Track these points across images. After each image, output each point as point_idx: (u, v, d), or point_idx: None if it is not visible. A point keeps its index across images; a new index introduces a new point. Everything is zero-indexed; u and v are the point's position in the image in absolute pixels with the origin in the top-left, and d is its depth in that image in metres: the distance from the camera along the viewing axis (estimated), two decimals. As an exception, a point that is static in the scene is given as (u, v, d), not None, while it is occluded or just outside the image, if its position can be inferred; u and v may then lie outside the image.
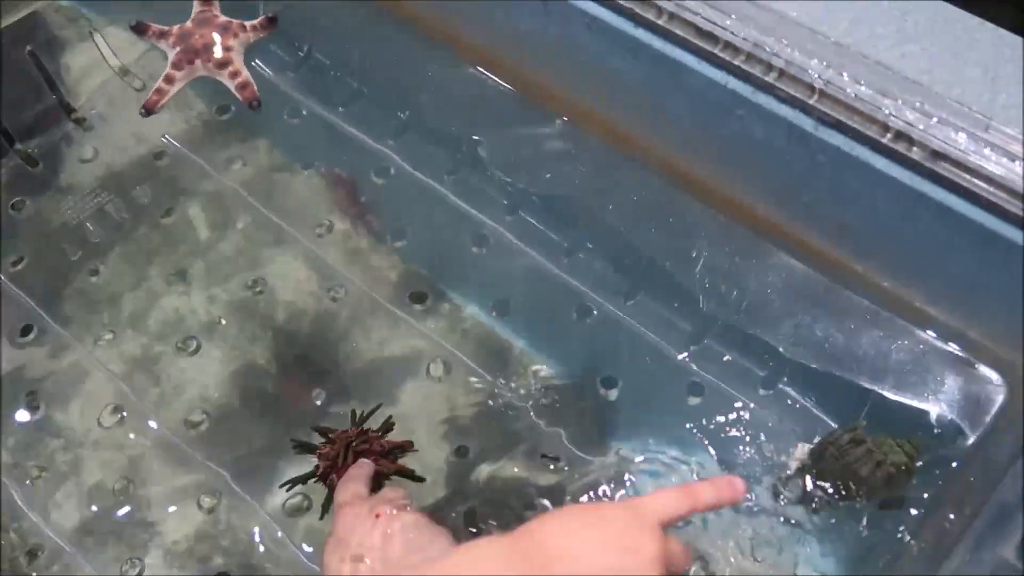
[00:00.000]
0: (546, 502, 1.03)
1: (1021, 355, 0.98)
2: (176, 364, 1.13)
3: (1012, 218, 0.88)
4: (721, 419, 1.06)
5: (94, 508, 1.05)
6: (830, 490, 0.99)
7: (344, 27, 1.33)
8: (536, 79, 1.18)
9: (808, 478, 1.00)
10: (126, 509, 1.05)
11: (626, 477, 1.04)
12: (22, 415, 1.10)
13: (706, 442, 1.04)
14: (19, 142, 1.28)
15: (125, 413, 1.10)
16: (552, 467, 1.04)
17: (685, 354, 1.10)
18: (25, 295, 1.18)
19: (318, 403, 1.09)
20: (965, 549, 0.74)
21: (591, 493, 1.03)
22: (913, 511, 0.96)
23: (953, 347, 1.02)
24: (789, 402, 1.06)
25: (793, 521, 1.00)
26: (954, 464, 0.97)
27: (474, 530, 1.01)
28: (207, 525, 1.04)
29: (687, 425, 1.05)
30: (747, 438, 1.04)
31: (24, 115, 1.29)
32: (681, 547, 0.68)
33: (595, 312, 1.13)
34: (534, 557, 0.64)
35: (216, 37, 1.26)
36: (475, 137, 1.24)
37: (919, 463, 0.97)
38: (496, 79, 1.22)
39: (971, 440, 0.98)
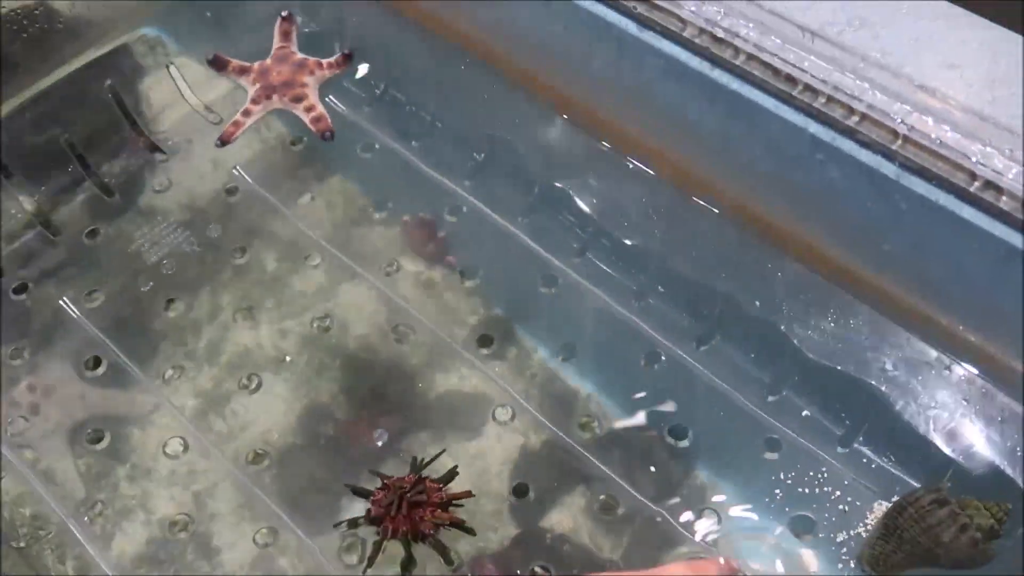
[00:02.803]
0: (615, 557, 1.00)
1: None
2: (241, 400, 1.13)
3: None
4: (797, 476, 1.02)
5: (153, 541, 1.04)
6: (909, 554, 0.94)
7: (421, 66, 1.33)
8: (611, 121, 1.16)
9: (885, 540, 0.95)
10: (185, 543, 1.04)
11: (695, 531, 1.00)
12: (88, 447, 1.10)
13: (780, 499, 1.01)
14: (96, 171, 1.30)
15: (189, 447, 1.10)
16: (615, 515, 1.02)
17: (761, 406, 1.06)
18: (95, 326, 1.18)
19: (379, 444, 1.08)
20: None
21: (660, 548, 1.00)
22: (997, 579, 0.91)
23: (1044, 408, 0.98)
24: (866, 460, 1.02)
25: (869, 585, 0.96)
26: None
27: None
28: (263, 561, 1.03)
29: (762, 480, 1.02)
30: (824, 496, 1.00)
31: (102, 145, 1.31)
32: None
33: (663, 358, 1.10)
34: None
35: (294, 74, 1.28)
36: (548, 178, 1.23)
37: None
38: (571, 121, 1.20)
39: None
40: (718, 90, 1.01)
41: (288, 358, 1.15)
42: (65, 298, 1.21)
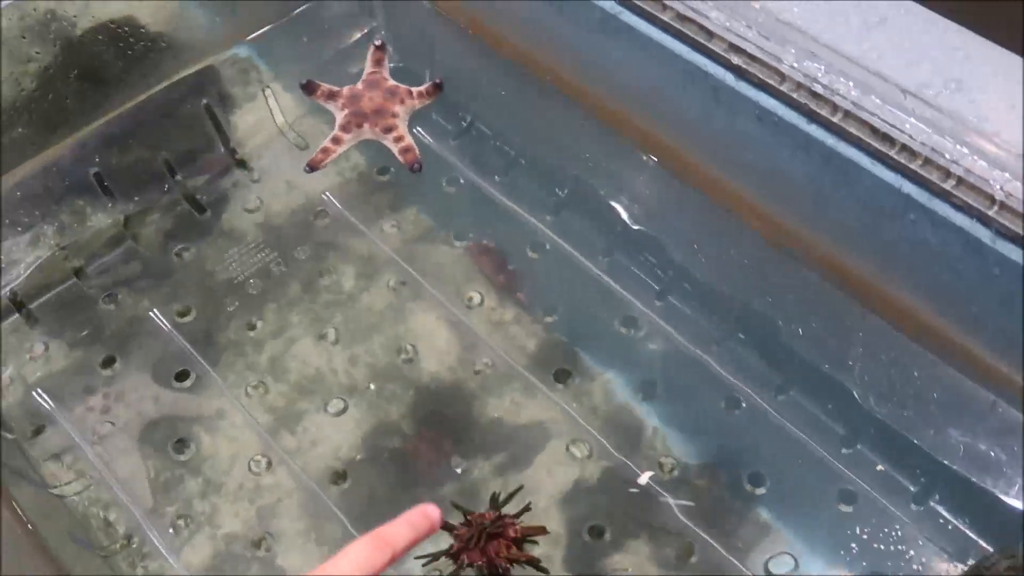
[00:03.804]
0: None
1: None
2: (317, 422, 1.15)
3: None
4: (873, 531, 1.02)
5: (226, 555, 1.06)
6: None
7: (508, 100, 1.35)
8: (700, 166, 1.17)
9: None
10: (257, 560, 1.06)
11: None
12: (169, 458, 1.13)
13: (856, 553, 1.01)
14: (188, 188, 1.33)
15: (266, 465, 1.12)
16: (688, 562, 1.02)
17: (836, 457, 1.07)
18: (185, 340, 1.21)
19: (458, 471, 1.09)
20: None
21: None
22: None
23: None
24: (941, 521, 1.02)
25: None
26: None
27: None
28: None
29: (837, 533, 1.03)
30: (898, 555, 1.01)
31: (192, 163, 1.34)
32: None
33: (744, 404, 1.11)
34: None
35: (385, 102, 1.30)
36: (632, 219, 1.24)
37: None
38: (659, 164, 1.21)
39: None
40: (812, 144, 1.02)
41: (371, 387, 1.16)
42: (155, 311, 1.23)
